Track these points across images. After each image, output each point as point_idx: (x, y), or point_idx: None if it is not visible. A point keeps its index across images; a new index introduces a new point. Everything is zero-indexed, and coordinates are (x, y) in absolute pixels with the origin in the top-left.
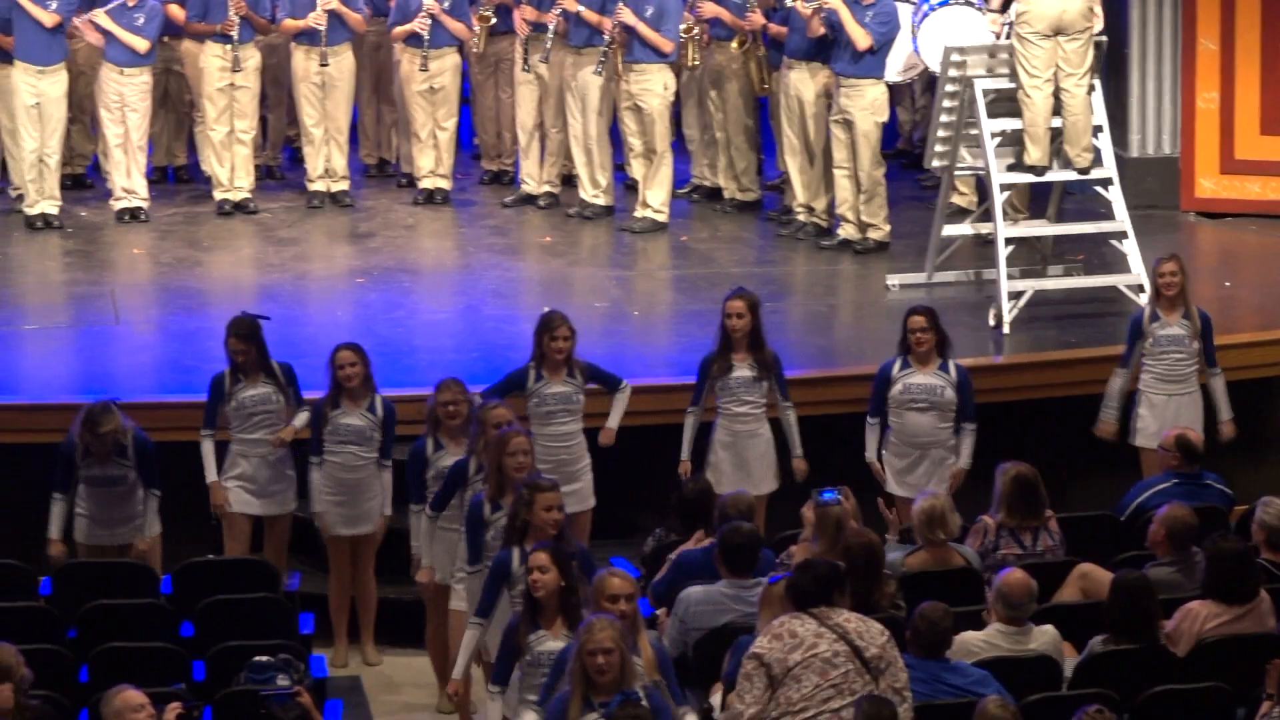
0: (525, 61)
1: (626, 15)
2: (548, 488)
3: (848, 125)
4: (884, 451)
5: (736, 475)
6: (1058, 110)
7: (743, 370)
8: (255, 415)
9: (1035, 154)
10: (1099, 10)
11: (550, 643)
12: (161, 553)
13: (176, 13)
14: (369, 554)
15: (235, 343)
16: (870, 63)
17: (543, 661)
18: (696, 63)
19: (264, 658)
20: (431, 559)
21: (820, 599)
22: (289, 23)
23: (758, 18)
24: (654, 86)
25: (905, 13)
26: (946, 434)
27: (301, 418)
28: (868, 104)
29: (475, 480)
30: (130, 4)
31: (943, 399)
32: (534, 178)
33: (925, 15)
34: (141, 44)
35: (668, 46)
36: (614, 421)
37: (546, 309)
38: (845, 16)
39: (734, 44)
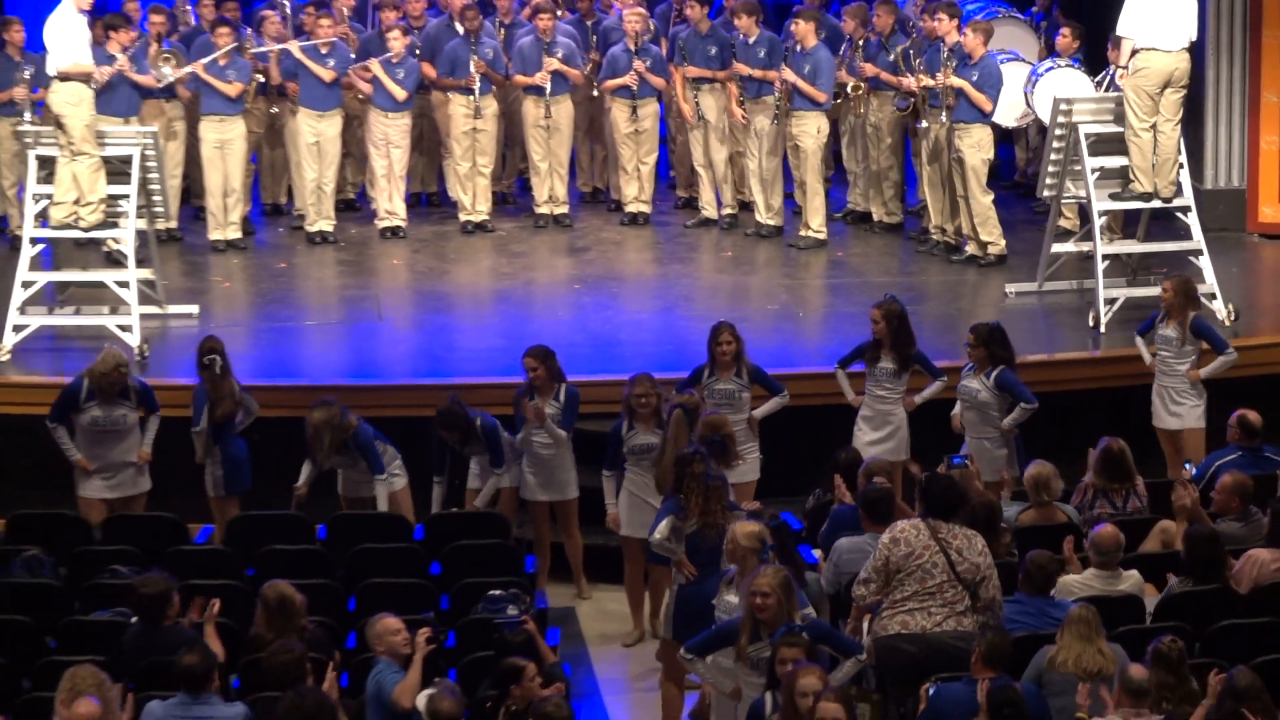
0: (698, 112)
1: (788, 73)
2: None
3: (960, 163)
4: None
5: (875, 446)
6: None
7: (886, 363)
8: (475, 471)
9: (1145, 184)
10: None
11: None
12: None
13: (429, 70)
14: (567, 514)
15: (445, 434)
16: (975, 110)
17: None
18: (861, 113)
19: (497, 591)
20: (618, 510)
21: (941, 512)
22: (520, 78)
23: (917, 80)
24: (809, 129)
25: (1018, 71)
26: (988, 432)
27: (490, 486)
28: (974, 142)
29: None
30: (394, 61)
31: (977, 400)
32: (710, 205)
33: (1037, 79)
34: (401, 93)
35: (822, 97)
36: (760, 413)
37: (719, 320)
38: (970, 91)
39: (906, 111)
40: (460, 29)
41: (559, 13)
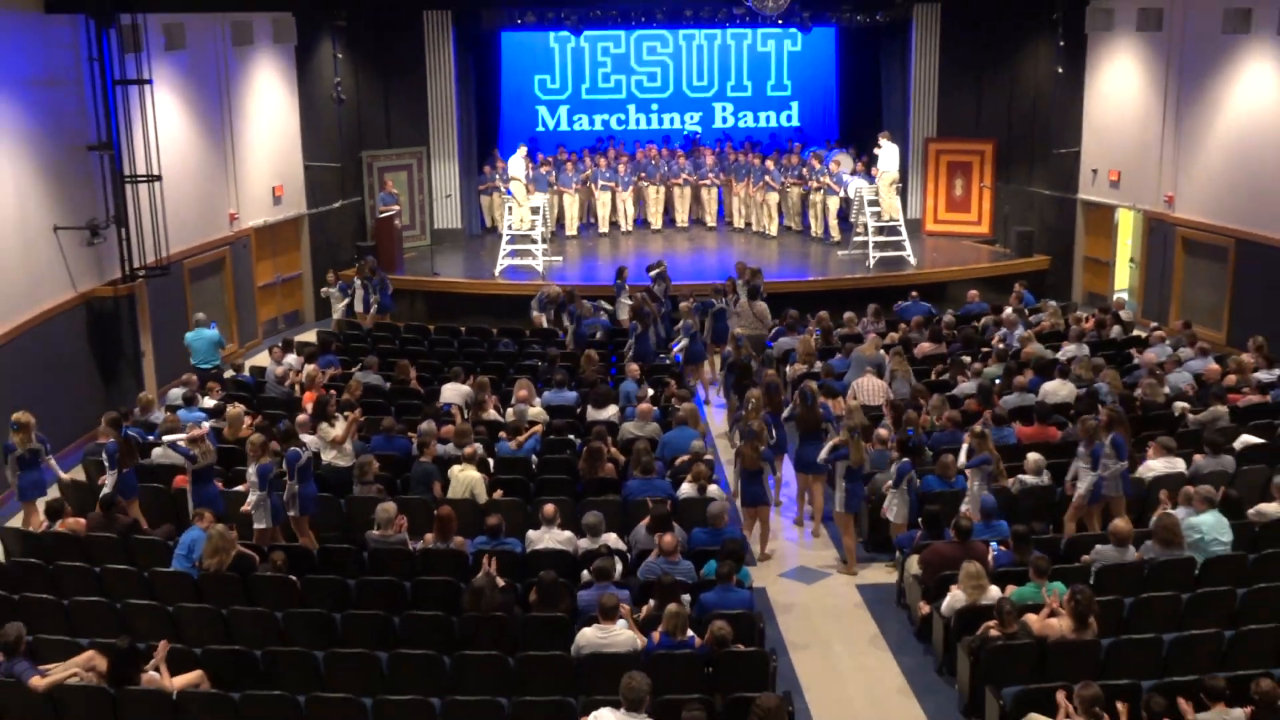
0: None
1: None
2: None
3: (828, 210)
4: None
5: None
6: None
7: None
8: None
9: (886, 216)
10: None
11: None
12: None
13: (643, 181)
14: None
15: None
16: (834, 191)
17: None
18: (788, 192)
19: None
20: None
21: (751, 297)
22: (671, 181)
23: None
24: (772, 198)
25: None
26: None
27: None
28: (835, 203)
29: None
30: (622, 173)
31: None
32: (741, 223)
33: (848, 182)
34: (624, 184)
35: (777, 187)
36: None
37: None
38: (832, 185)
39: (805, 192)
40: (652, 162)
41: (683, 154)
